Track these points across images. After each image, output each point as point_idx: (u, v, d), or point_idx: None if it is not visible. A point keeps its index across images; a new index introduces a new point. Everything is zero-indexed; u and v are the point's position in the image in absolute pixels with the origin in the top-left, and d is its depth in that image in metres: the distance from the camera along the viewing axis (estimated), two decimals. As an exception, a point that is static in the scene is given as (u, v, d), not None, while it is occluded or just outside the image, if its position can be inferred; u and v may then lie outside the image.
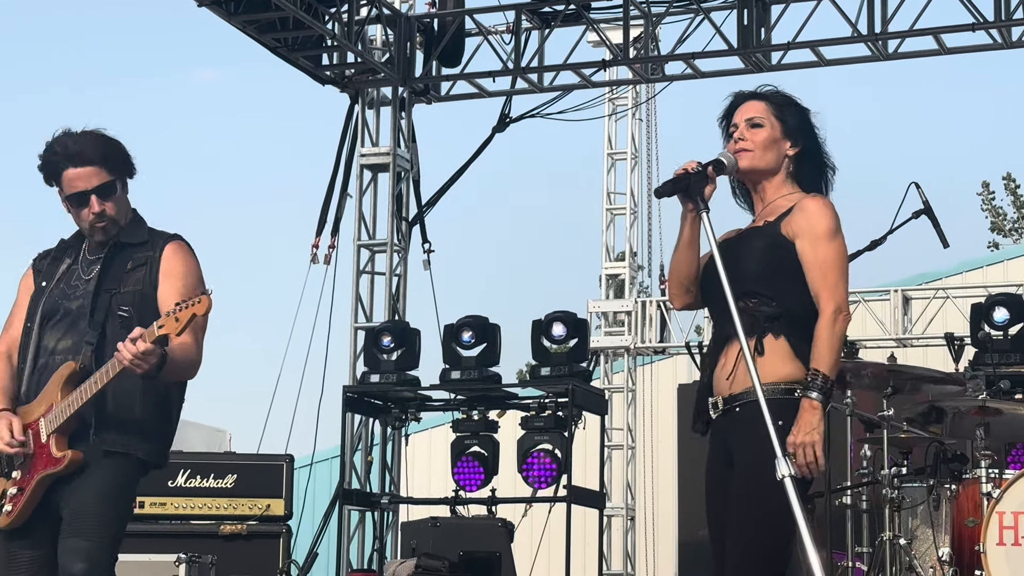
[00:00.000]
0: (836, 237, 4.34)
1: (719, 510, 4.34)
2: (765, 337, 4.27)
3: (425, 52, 11.39)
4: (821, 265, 4.29)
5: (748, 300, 4.27)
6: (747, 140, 4.44)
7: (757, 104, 4.51)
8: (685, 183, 4.22)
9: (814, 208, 4.35)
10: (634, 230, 13.51)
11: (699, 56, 10.80)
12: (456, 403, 9.93)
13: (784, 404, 4.19)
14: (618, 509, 13.07)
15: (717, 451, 4.40)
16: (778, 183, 4.48)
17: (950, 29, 10.20)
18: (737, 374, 4.29)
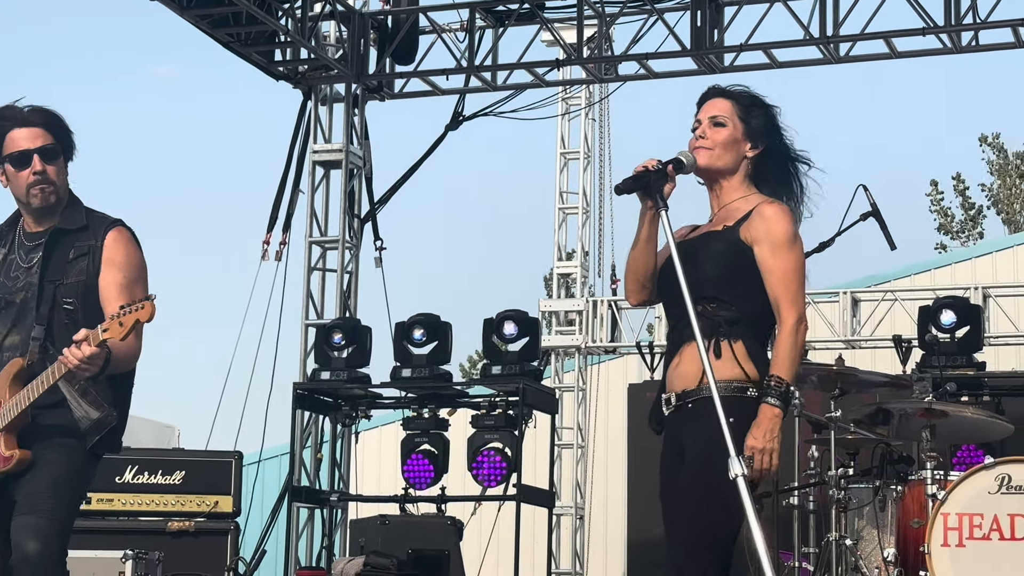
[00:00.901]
0: (795, 244, 4.37)
1: (671, 510, 4.36)
2: (723, 341, 4.29)
3: (379, 49, 11.37)
4: (782, 273, 4.32)
5: (707, 304, 4.30)
6: (707, 138, 4.46)
7: (723, 103, 4.53)
8: (645, 181, 4.24)
9: (773, 214, 4.37)
10: (586, 230, 13.53)
11: (652, 57, 10.83)
12: (407, 401, 9.94)
13: (737, 402, 4.22)
14: (567, 508, 13.08)
15: (670, 448, 4.42)
16: (736, 184, 4.50)
17: (901, 33, 10.28)
18: (690, 371, 4.31)
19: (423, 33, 11.39)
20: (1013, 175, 27.29)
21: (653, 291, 4.50)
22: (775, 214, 4.37)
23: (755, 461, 4.16)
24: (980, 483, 6.35)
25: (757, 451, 4.17)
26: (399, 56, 11.34)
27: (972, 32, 10.21)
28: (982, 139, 27.84)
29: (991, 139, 27.74)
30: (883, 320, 12.53)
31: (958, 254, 17.57)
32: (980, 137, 27.86)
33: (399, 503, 9.42)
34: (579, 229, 13.52)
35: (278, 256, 10.95)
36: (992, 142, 27.68)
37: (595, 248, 13.55)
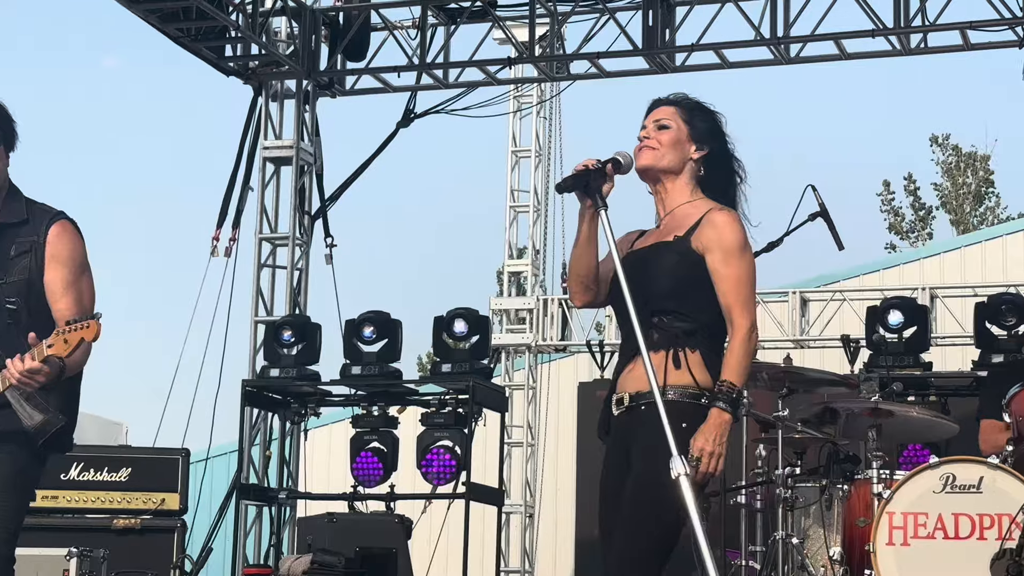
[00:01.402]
0: (746, 251, 4.39)
1: (612, 515, 4.37)
2: (681, 351, 4.31)
3: (330, 46, 11.33)
4: (734, 280, 4.34)
5: (663, 316, 4.32)
6: (652, 139, 4.48)
7: (667, 108, 4.56)
8: (585, 179, 4.25)
9: (723, 222, 4.38)
10: (537, 228, 13.54)
11: (604, 56, 10.85)
12: (356, 398, 9.92)
13: (690, 408, 4.24)
14: (517, 507, 13.09)
15: (616, 451, 4.41)
16: (681, 186, 4.50)
17: (851, 35, 10.34)
18: (644, 375, 4.30)
19: (375, 30, 11.36)
20: (967, 174, 27.51)
21: (598, 293, 4.50)
22: (726, 222, 4.38)
23: (702, 463, 4.17)
24: (925, 482, 6.39)
25: (706, 453, 4.19)
26: (350, 53, 11.31)
27: (921, 34, 10.28)
28: (932, 139, 28.06)
29: (941, 140, 27.96)
30: (832, 320, 12.60)
31: (906, 255, 17.70)
32: (931, 138, 28.09)
33: (348, 501, 9.40)
34: (530, 227, 13.53)
35: (228, 252, 10.89)
36: (942, 143, 27.90)
37: (549, 246, 13.56)
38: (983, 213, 27.72)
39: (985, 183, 27.72)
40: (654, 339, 4.26)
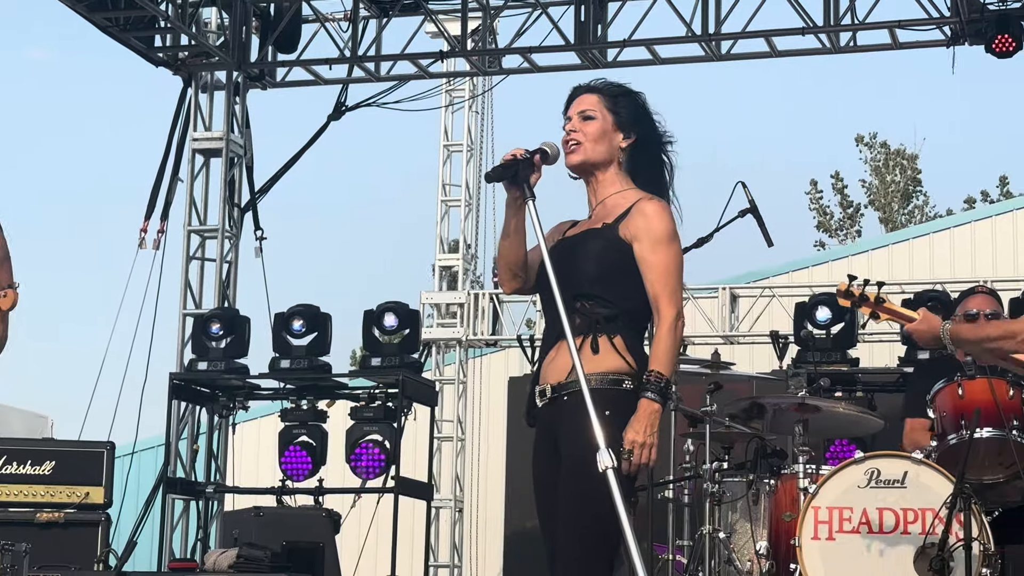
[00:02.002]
0: (674, 241, 4.38)
1: (549, 504, 4.36)
2: (600, 336, 4.29)
3: (261, 37, 11.26)
4: (661, 269, 4.33)
5: (585, 302, 4.30)
6: (578, 132, 4.46)
7: (590, 97, 4.52)
8: (513, 170, 4.25)
9: (652, 211, 4.37)
10: (468, 222, 13.53)
11: (536, 50, 10.86)
12: (285, 392, 9.86)
13: (612, 394, 4.23)
14: (446, 501, 13.08)
15: (544, 440, 4.41)
16: (611, 176, 4.49)
17: (781, 32, 10.41)
18: (564, 364, 4.30)
19: (306, 22, 11.31)
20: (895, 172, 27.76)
21: (525, 279, 4.49)
22: (655, 211, 4.37)
23: (634, 455, 4.17)
24: (850, 477, 6.43)
25: (637, 445, 4.19)
26: (281, 44, 11.25)
27: (850, 33, 10.36)
28: (858, 139, 28.30)
29: (868, 138, 28.20)
30: (761, 316, 12.68)
31: (835, 252, 17.84)
32: (856, 137, 28.32)
33: (276, 495, 9.35)
34: (462, 222, 13.52)
35: (156, 244, 10.81)
36: (869, 141, 28.14)
37: (481, 240, 13.56)
38: (911, 211, 27.99)
39: (913, 182, 27.99)
40: (576, 324, 4.24)
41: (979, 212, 17.66)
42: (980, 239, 14.74)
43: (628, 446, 4.16)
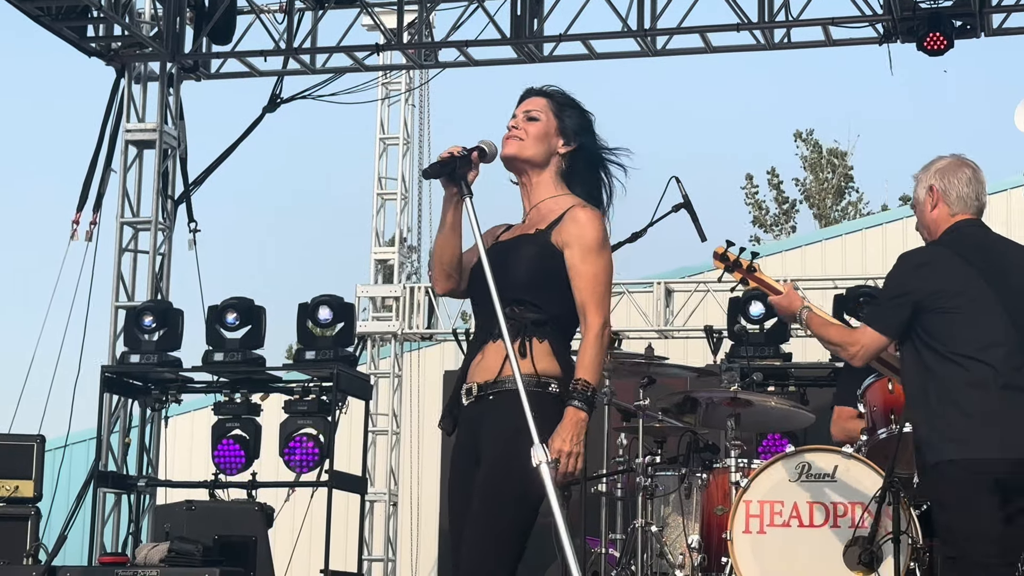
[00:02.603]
0: (605, 249, 4.39)
1: (461, 504, 4.36)
2: (530, 340, 4.30)
3: (195, 28, 11.19)
4: (590, 278, 4.34)
5: (515, 307, 4.31)
6: (520, 129, 4.47)
7: (539, 100, 4.55)
8: (451, 166, 4.25)
9: (585, 219, 4.38)
10: (404, 216, 13.51)
11: (472, 44, 10.85)
12: (218, 385, 9.81)
13: (538, 396, 4.19)
14: (381, 495, 13.06)
15: (465, 442, 4.40)
16: (546, 180, 4.50)
17: (716, 28, 10.46)
18: (492, 365, 4.32)
19: (241, 13, 11.25)
20: (826, 169, 27.97)
21: (460, 281, 4.49)
22: (588, 219, 4.38)
23: (560, 464, 4.18)
24: (781, 471, 6.49)
25: (564, 454, 4.19)
26: (216, 36, 11.18)
27: (785, 29, 10.43)
28: (796, 135, 28.48)
29: (805, 135, 28.39)
30: (696, 311, 12.73)
31: (769, 247, 17.94)
32: (795, 133, 28.51)
33: (208, 489, 9.30)
34: (398, 215, 13.49)
35: (88, 236, 10.73)
36: (806, 138, 28.33)
37: (414, 234, 13.54)
38: (844, 208, 28.22)
39: (846, 179, 28.23)
40: (503, 328, 4.20)
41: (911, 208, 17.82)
42: (911, 235, 14.76)
43: (555, 455, 4.15)
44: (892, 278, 5.11)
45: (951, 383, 4.88)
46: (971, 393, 4.85)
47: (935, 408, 4.90)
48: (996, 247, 5.08)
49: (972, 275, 4.93)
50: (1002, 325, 4.89)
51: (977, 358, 4.85)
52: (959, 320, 4.88)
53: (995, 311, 4.90)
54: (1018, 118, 7.01)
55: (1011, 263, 5.03)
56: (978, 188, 5.10)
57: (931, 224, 5.15)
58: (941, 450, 4.89)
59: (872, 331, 5.00)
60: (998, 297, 4.91)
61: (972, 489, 4.85)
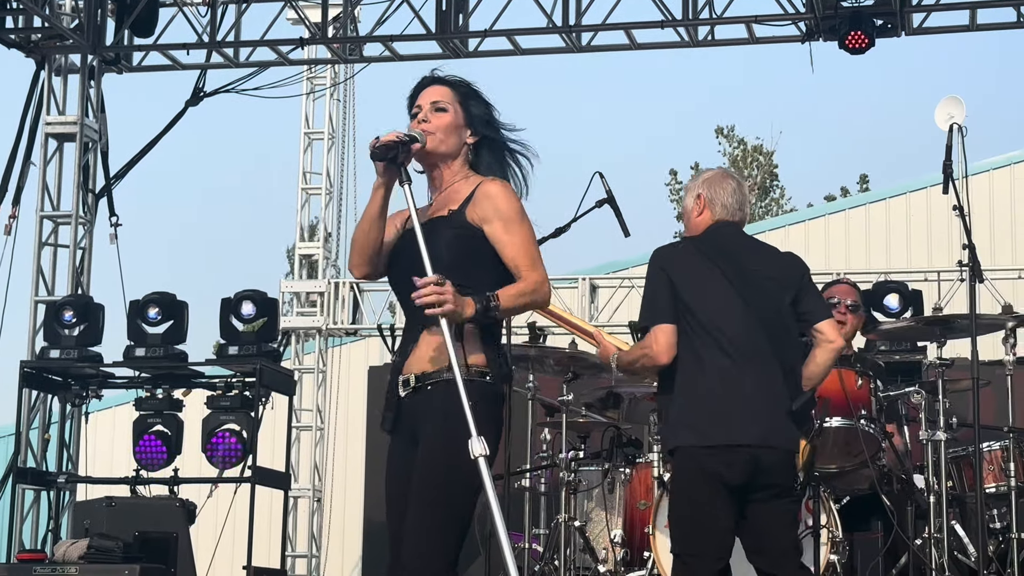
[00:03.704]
0: (525, 217, 4.38)
1: (398, 489, 4.33)
2: (465, 326, 4.24)
3: (117, 20, 11.09)
4: (519, 243, 4.32)
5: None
6: (431, 123, 4.45)
7: (442, 89, 4.51)
8: (395, 151, 4.24)
9: (496, 191, 4.36)
10: (329, 210, 13.44)
11: (397, 39, 10.83)
12: (140, 381, 9.74)
13: (477, 386, 4.19)
14: (305, 490, 13.01)
15: (403, 434, 4.37)
16: (455, 169, 4.48)
17: (640, 25, 10.50)
18: (428, 355, 4.28)
19: (163, 6, 11.16)
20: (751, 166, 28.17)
21: (379, 265, 4.46)
22: (499, 191, 4.37)
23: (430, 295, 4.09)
24: (703, 466, 6.51)
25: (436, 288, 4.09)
26: (138, 28, 11.08)
27: (709, 27, 10.49)
28: (718, 131, 28.67)
29: (727, 131, 28.59)
30: (620, 306, 12.77)
31: (694, 243, 18.02)
32: (716, 129, 28.69)
33: (130, 485, 9.23)
34: (322, 210, 13.43)
35: (7, 230, 10.65)
36: (728, 134, 28.53)
37: (341, 229, 13.49)
38: (768, 205, 28.44)
39: (769, 175, 28.45)
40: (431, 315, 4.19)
41: (834, 206, 17.95)
42: (834, 232, 15.00)
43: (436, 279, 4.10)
44: (648, 273, 5.32)
45: (689, 368, 5.09)
46: (699, 379, 5.08)
47: (676, 394, 5.12)
48: (744, 245, 5.37)
49: (710, 266, 5.20)
50: (739, 312, 5.11)
51: (709, 342, 5.08)
52: (693, 309, 5.11)
53: (733, 300, 5.13)
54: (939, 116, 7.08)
55: (754, 258, 5.31)
56: (741, 199, 5.43)
57: (695, 228, 5.43)
58: (673, 437, 5.14)
59: (655, 327, 5.15)
60: (732, 287, 5.15)
61: (689, 477, 5.07)
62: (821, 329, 5.31)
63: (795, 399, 5.15)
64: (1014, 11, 9.98)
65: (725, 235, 5.33)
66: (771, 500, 5.08)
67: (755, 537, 5.12)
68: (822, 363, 5.33)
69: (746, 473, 5.01)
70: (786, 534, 5.14)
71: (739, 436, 5.01)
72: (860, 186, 28.23)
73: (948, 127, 6.76)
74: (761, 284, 5.21)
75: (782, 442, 5.09)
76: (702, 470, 5.02)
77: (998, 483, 7.48)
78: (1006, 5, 9.90)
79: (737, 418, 5.03)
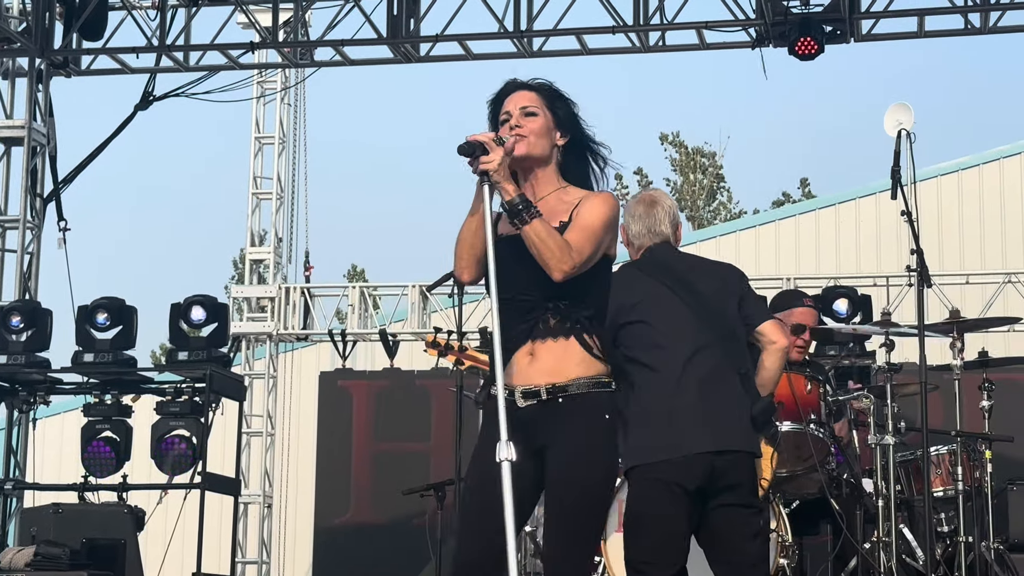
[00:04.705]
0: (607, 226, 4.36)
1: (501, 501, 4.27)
2: (589, 337, 4.29)
3: (65, 23, 11.02)
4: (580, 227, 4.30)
5: (559, 302, 4.27)
6: (523, 127, 4.45)
7: (529, 94, 4.52)
8: (476, 149, 4.21)
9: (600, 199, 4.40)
10: (280, 215, 13.40)
11: (348, 43, 10.81)
12: (89, 387, 9.69)
13: (606, 397, 4.28)
14: (255, 496, 12.96)
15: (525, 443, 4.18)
16: (549, 174, 4.48)
17: (591, 31, 10.52)
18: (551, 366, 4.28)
19: (112, 9, 11.10)
20: (696, 171, 28.31)
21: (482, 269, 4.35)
22: (603, 199, 4.40)
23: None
24: (654, 470, 6.52)
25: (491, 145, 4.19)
26: (87, 32, 11.02)
27: (660, 32, 10.53)
28: (663, 137, 28.79)
29: (672, 137, 28.71)
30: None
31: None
32: (660, 136, 28.81)
33: (78, 492, 9.17)
34: (273, 215, 13.39)
35: (-46, 235, 10.54)
36: (673, 140, 28.65)
37: (292, 234, 13.44)
38: (716, 209, 28.59)
39: (717, 178, 28.61)
40: (551, 325, 4.25)
41: (784, 211, 18.10)
42: (784, 238, 15.10)
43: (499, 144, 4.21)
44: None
45: (637, 387, 5.05)
46: (650, 392, 5.06)
47: (631, 413, 5.02)
48: (678, 261, 5.38)
49: (651, 283, 5.21)
50: (686, 323, 5.13)
51: (654, 358, 5.07)
52: (640, 327, 5.11)
53: (679, 311, 5.15)
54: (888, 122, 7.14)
55: (692, 270, 5.34)
56: (651, 223, 5.40)
57: (632, 255, 5.45)
58: (627, 457, 5.08)
59: None
60: (680, 298, 5.17)
61: (645, 486, 5.07)
62: (763, 331, 5.35)
63: (753, 405, 5.17)
64: (961, 18, 10.07)
65: (660, 255, 5.35)
66: (733, 507, 5.07)
67: (717, 547, 5.13)
68: (771, 367, 5.37)
69: (703, 477, 5.01)
70: (748, 545, 5.12)
71: (692, 446, 5.01)
72: (801, 190, 28.41)
73: (897, 133, 6.82)
74: (705, 293, 5.24)
75: (739, 444, 5.09)
76: (657, 479, 5.03)
77: (946, 487, 7.55)
78: (953, 12, 9.99)
79: (689, 428, 5.02)
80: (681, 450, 5.01)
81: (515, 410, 4.24)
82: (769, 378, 5.36)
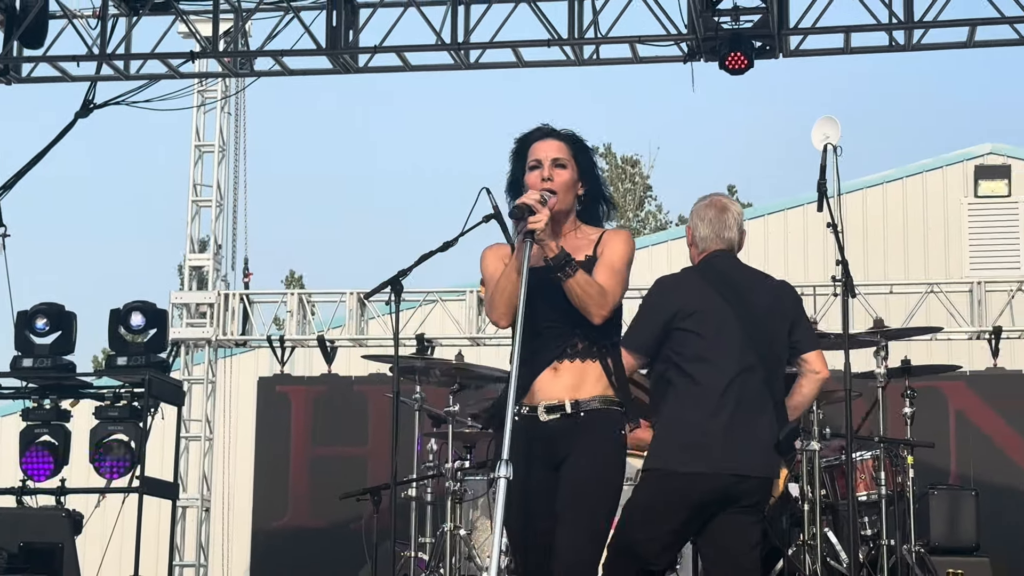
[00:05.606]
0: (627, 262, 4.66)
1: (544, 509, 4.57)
2: (607, 360, 4.59)
3: (6, 31, 11.02)
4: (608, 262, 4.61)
5: (587, 328, 4.55)
6: (555, 181, 4.65)
7: (559, 144, 4.75)
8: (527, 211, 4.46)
9: (620, 236, 4.71)
10: (219, 223, 13.47)
11: (288, 54, 10.90)
12: (27, 391, 9.72)
13: (619, 415, 4.57)
14: (193, 500, 13.01)
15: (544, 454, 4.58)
16: (570, 222, 4.74)
17: (527, 43, 10.66)
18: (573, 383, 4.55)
19: (53, 17, 11.11)
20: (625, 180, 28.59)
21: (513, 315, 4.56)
22: (622, 236, 4.72)
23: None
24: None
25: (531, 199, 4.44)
26: (27, 40, 11.03)
27: (594, 46, 10.69)
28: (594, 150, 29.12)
29: (603, 150, 29.00)
30: (507, 318, 12.90)
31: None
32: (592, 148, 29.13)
33: (16, 496, 9.22)
34: (213, 222, 13.45)
35: None
36: (604, 153, 28.95)
37: (231, 241, 13.51)
38: (644, 218, 28.90)
39: (644, 188, 28.93)
40: (578, 348, 4.54)
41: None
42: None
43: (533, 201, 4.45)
44: (645, 300, 5.45)
45: (676, 393, 5.22)
46: (687, 405, 5.20)
47: (665, 418, 5.23)
48: (739, 274, 5.48)
49: (711, 295, 5.31)
50: (736, 341, 5.23)
51: (699, 371, 5.20)
52: (693, 337, 5.23)
53: (732, 329, 5.25)
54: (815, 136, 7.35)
55: (752, 287, 5.44)
56: (719, 227, 5.52)
57: (694, 257, 5.59)
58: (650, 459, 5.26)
59: (623, 351, 5.10)
60: (736, 315, 5.27)
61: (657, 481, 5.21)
62: (808, 359, 5.45)
63: (782, 430, 5.28)
64: (886, 35, 10.29)
65: (721, 264, 5.46)
66: (737, 515, 5.19)
67: (713, 549, 5.26)
68: (808, 394, 5.49)
69: (719, 497, 5.14)
70: (745, 551, 5.22)
71: (718, 467, 5.12)
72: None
73: (823, 147, 7.02)
74: (762, 315, 5.34)
75: (761, 471, 5.20)
76: (675, 487, 5.16)
77: (869, 491, 7.76)
78: (879, 30, 10.20)
79: (718, 449, 5.13)
80: (706, 467, 5.12)
81: (537, 425, 4.55)
82: (802, 403, 5.50)
